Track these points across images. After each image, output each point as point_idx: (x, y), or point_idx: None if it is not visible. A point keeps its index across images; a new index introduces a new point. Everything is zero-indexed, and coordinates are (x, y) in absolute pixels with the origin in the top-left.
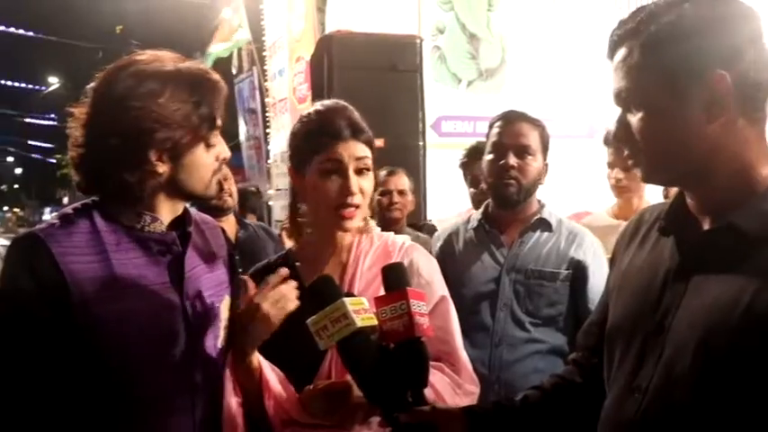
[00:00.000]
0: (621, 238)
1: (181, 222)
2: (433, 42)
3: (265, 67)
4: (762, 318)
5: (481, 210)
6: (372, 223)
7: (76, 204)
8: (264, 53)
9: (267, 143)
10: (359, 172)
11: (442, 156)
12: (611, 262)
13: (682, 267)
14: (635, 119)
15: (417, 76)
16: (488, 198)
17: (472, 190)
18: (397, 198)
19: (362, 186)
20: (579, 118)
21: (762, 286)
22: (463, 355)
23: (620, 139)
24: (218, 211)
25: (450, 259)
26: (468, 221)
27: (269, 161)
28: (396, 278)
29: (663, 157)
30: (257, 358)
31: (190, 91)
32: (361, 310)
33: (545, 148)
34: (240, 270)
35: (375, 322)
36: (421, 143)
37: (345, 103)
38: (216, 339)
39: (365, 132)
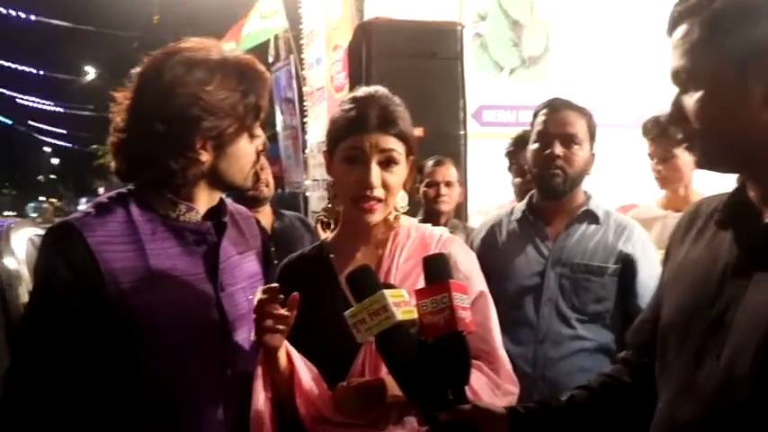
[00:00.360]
0: (676, 231)
1: (216, 212)
2: (475, 29)
3: (303, 56)
4: None
5: (525, 201)
6: (411, 220)
7: (111, 193)
8: (302, 41)
9: (304, 133)
10: (384, 164)
11: (484, 146)
12: (666, 255)
13: (742, 262)
14: (691, 100)
15: (458, 64)
16: (533, 189)
17: (518, 180)
18: (444, 190)
19: (387, 180)
20: (625, 107)
21: None
22: (502, 354)
23: (675, 122)
24: (254, 202)
25: (493, 252)
26: (511, 213)
27: (306, 151)
28: (438, 270)
29: (719, 142)
30: (286, 354)
31: (237, 80)
32: (402, 303)
33: (592, 137)
34: (275, 261)
35: (415, 315)
36: (462, 132)
37: (385, 92)
38: (249, 332)
39: (396, 125)
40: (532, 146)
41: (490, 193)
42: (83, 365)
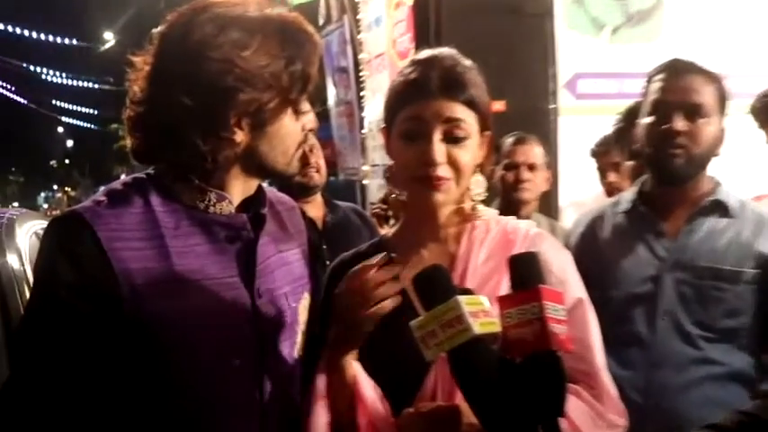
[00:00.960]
0: None
1: (253, 203)
2: None
3: (359, 16)
4: None
5: (635, 188)
6: (490, 211)
7: (126, 179)
8: None
9: (361, 109)
10: (451, 138)
11: (579, 123)
12: None
13: None
14: None
15: (548, 22)
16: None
17: (630, 163)
18: (526, 174)
19: (455, 156)
20: (760, 74)
21: None
22: (606, 377)
23: None
24: (302, 191)
25: (594, 252)
26: (616, 203)
27: (363, 131)
28: (527, 272)
29: None
30: (352, 367)
31: (281, 44)
32: (480, 313)
33: (722, 109)
34: (327, 262)
35: (498, 328)
36: (552, 106)
37: (452, 52)
38: (292, 347)
39: (466, 90)
40: (646, 119)
41: (586, 181)
42: (90, 382)
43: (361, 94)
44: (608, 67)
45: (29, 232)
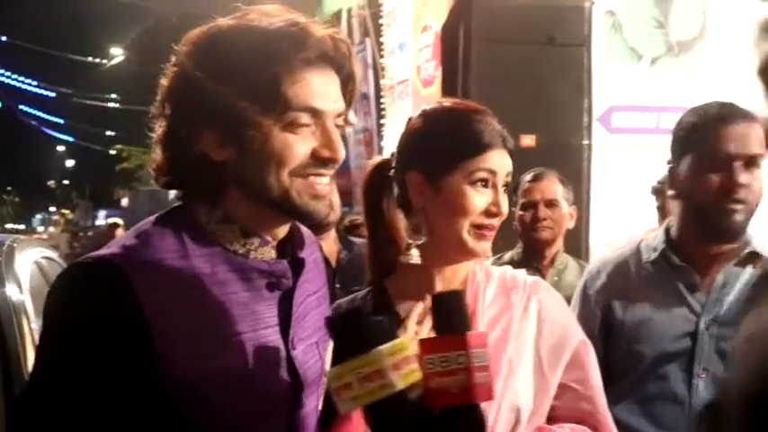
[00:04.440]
0: None
1: (288, 244)
2: (606, 6)
3: (382, 39)
4: None
5: (661, 235)
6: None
7: (155, 217)
8: (381, 21)
9: (381, 137)
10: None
11: (613, 159)
12: None
13: None
14: None
15: (584, 53)
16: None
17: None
18: (544, 211)
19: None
20: None
21: None
22: (609, 418)
23: None
24: (314, 228)
25: (621, 304)
26: (638, 251)
27: None
28: (452, 314)
29: None
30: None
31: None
32: (403, 362)
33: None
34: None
35: (419, 376)
36: (586, 142)
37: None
38: (318, 399)
39: (511, 142)
40: (703, 170)
41: (619, 220)
42: None
43: (382, 121)
44: (645, 100)
45: (29, 260)
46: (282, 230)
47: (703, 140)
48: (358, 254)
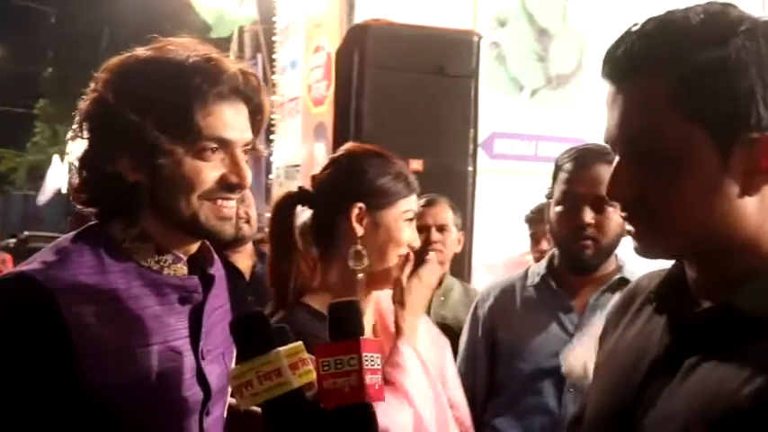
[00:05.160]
0: (614, 312)
1: (197, 261)
2: (491, 37)
3: (274, 56)
4: (743, 413)
5: (544, 263)
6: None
7: (74, 234)
8: (274, 38)
9: (270, 152)
10: None
11: (493, 183)
12: (600, 341)
13: (670, 356)
14: (648, 172)
15: (471, 84)
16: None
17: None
18: (435, 235)
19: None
20: None
21: (750, 377)
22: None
23: (621, 196)
24: (231, 241)
25: (504, 324)
26: (525, 276)
27: (270, 176)
28: (345, 321)
29: (674, 227)
30: None
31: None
32: (299, 362)
33: None
34: None
35: (313, 376)
36: (470, 168)
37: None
38: (223, 407)
39: None
40: (556, 208)
41: (498, 242)
42: None
43: (271, 138)
44: (525, 129)
45: None
46: (193, 248)
47: (561, 180)
48: None
